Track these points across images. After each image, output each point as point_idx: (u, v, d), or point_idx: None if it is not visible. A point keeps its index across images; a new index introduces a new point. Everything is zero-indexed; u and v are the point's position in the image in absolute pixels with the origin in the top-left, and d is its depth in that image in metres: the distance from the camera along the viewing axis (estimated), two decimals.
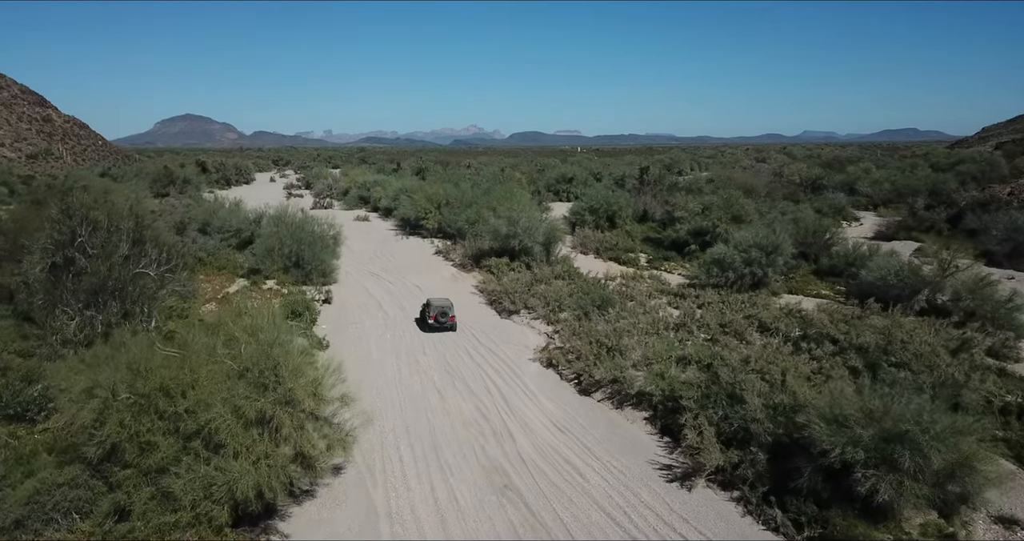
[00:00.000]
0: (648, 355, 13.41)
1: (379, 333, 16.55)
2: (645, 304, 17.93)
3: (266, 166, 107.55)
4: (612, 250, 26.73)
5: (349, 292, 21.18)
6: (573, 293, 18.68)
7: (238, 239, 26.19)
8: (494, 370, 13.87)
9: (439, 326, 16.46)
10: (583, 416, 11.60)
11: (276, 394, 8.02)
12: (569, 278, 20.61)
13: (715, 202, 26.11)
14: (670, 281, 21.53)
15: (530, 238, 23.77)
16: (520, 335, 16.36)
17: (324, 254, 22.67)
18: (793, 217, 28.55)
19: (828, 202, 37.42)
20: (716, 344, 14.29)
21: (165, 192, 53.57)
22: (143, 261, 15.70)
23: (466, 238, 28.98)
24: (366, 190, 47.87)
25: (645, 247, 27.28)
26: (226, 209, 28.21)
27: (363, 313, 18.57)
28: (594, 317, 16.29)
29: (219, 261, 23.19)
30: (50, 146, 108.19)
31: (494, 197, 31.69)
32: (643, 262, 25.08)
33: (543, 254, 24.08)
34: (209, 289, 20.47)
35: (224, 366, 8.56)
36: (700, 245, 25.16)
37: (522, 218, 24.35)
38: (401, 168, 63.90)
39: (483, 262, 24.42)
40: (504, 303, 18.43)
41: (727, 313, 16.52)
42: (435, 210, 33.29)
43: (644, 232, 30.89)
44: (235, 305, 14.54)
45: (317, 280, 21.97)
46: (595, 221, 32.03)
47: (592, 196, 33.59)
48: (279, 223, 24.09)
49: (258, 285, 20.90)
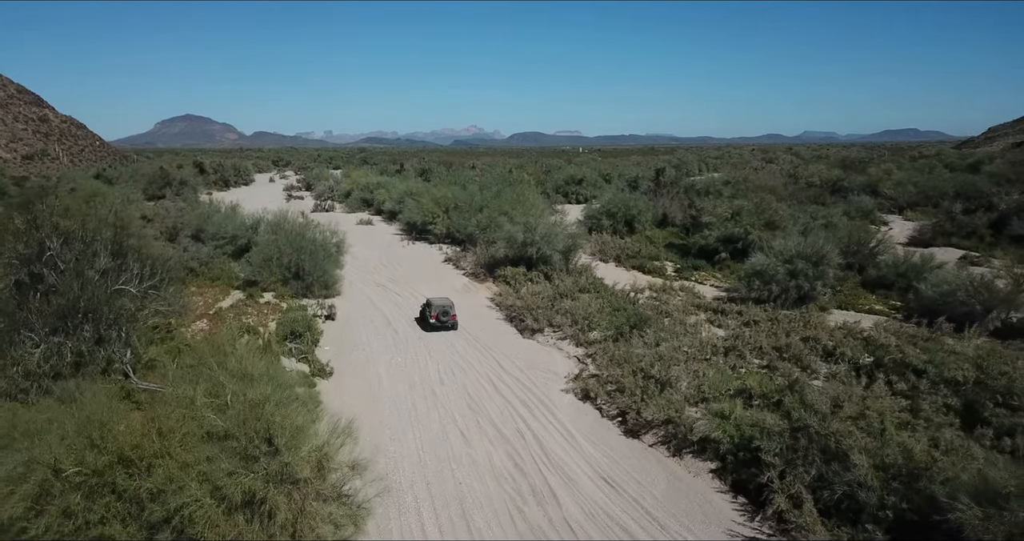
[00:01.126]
0: (702, 387, 11.62)
1: (388, 356, 14.75)
2: (684, 322, 16.14)
3: (266, 167, 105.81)
4: (635, 258, 24.92)
5: (354, 306, 19.38)
6: (602, 309, 16.89)
7: (234, 246, 24.39)
8: (523, 404, 12.07)
9: (440, 325, 16.66)
10: (635, 466, 9.79)
11: (269, 468, 6.22)
12: (595, 291, 18.80)
13: (745, 207, 24.31)
14: (704, 294, 19.73)
15: (549, 246, 21.98)
16: (547, 359, 14.55)
17: (326, 264, 20.87)
18: (825, 222, 26.81)
19: (855, 205, 35.63)
20: (775, 372, 12.51)
21: (161, 194, 51.81)
22: (123, 276, 13.91)
23: (477, 245, 27.23)
24: (369, 192, 46.09)
25: (670, 254, 25.48)
26: (221, 214, 26.44)
27: (370, 331, 16.77)
28: (630, 338, 14.49)
29: (213, 271, 21.40)
30: (46, 146, 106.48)
31: (505, 201, 29.90)
32: (670, 271, 23.27)
33: (562, 263, 22.29)
34: (201, 303, 18.68)
35: (204, 422, 6.78)
36: (731, 253, 23.37)
37: (540, 225, 22.55)
38: (404, 169, 62.10)
39: (497, 271, 22.63)
40: (526, 321, 16.62)
41: (779, 334, 14.72)
42: (443, 214, 31.51)
43: (666, 238, 29.08)
44: (223, 334, 12.79)
45: (319, 292, 20.18)
46: (612, 226, 30.27)
47: (609, 199, 31.80)
48: (278, 230, 22.30)
49: (254, 298, 19.10)
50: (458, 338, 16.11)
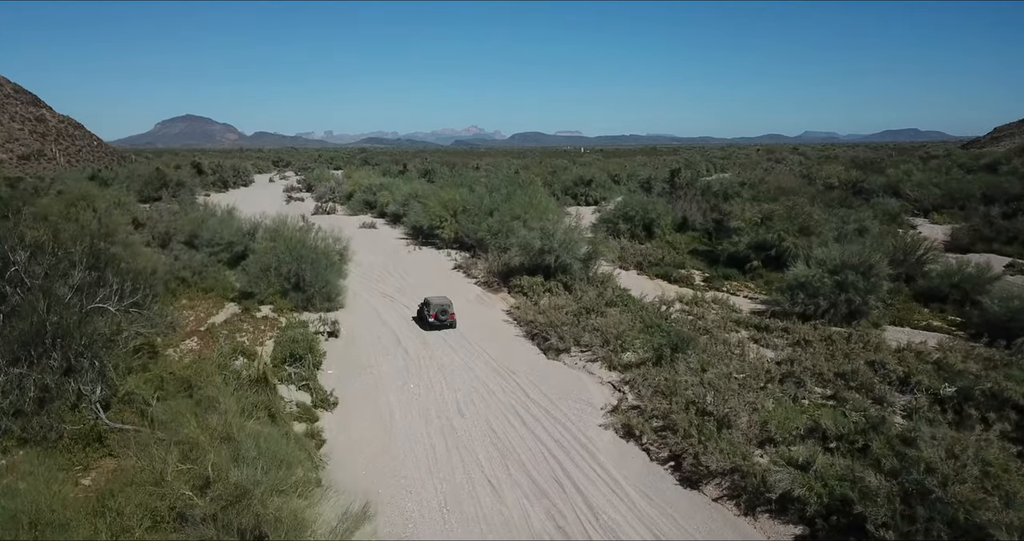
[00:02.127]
0: (766, 425, 10.03)
1: (400, 381, 13.15)
2: (725, 340, 14.55)
3: (266, 167, 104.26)
4: (658, 265, 23.32)
5: (360, 320, 17.79)
6: (634, 325, 15.30)
7: (229, 254, 22.80)
8: (557, 443, 10.48)
9: (440, 324, 16.79)
10: (701, 527, 8.20)
11: None
12: (623, 304, 17.20)
13: (777, 211, 22.71)
14: (740, 306, 18.14)
15: (568, 254, 20.38)
16: (578, 386, 12.94)
17: (329, 273, 19.27)
18: (857, 226, 25.23)
19: (879, 208, 34.03)
20: (845, 405, 10.93)
21: (157, 196, 50.27)
22: (101, 293, 12.33)
23: (488, 251, 25.63)
24: (372, 194, 44.50)
25: (695, 261, 23.88)
26: (216, 218, 24.85)
27: (378, 350, 15.18)
28: (672, 362, 12.89)
29: (206, 282, 19.80)
30: (43, 147, 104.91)
31: (517, 204, 28.34)
32: (698, 280, 21.67)
33: (582, 271, 20.70)
34: (192, 318, 17.09)
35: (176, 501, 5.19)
36: (763, 261, 21.78)
37: (558, 230, 20.96)
38: (408, 170, 60.53)
39: (512, 281, 21.04)
40: (551, 339, 15.01)
41: (838, 356, 13.13)
42: (451, 218, 29.90)
43: (687, 243, 27.50)
44: (212, 361, 11.19)
45: (321, 305, 18.59)
46: (630, 230, 28.69)
47: (626, 201, 30.21)
48: (276, 236, 20.70)
49: (250, 312, 17.50)
50: (476, 359, 14.52)
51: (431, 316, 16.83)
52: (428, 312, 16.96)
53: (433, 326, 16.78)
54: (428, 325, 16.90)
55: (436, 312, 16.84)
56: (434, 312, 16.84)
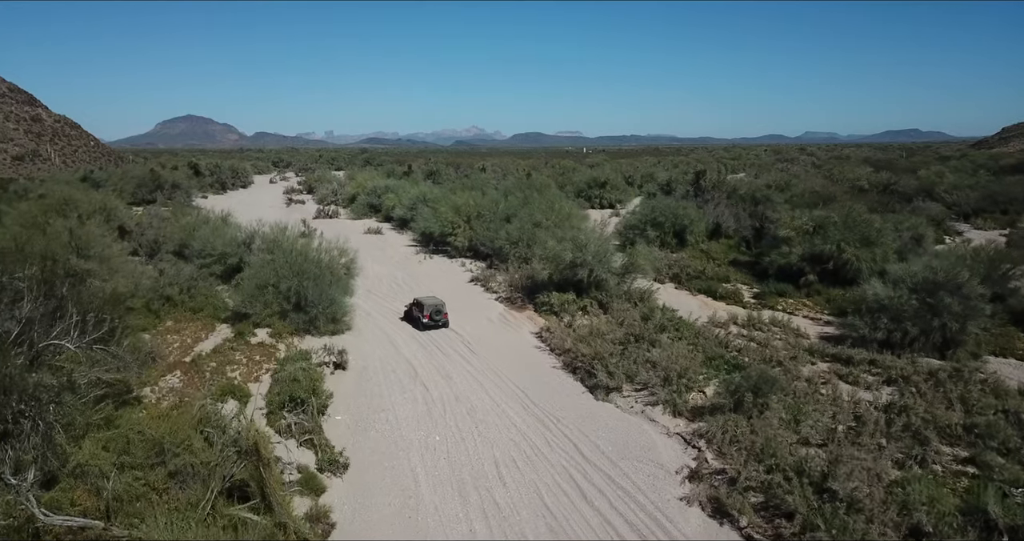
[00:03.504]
0: (906, 506, 7.71)
1: (423, 432, 10.84)
2: (807, 377, 12.25)
3: (265, 168, 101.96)
4: (699, 278, 21.02)
5: (370, 347, 15.49)
6: (693, 356, 12.98)
7: (223, 266, 20.50)
8: (631, 527, 8.17)
9: (434, 324, 16.70)
10: None
11: None
12: (675, 329, 14.88)
13: (831, 218, 20.39)
14: (803, 329, 15.83)
15: (603, 268, 18.08)
16: (641, 438, 10.63)
17: (334, 291, 16.97)
18: (913, 235, 22.93)
19: (922, 212, 31.71)
20: (991, 474, 8.62)
21: (151, 198, 48.08)
22: (58, 327, 10.06)
23: (508, 261, 23.35)
24: (376, 197, 42.22)
25: (739, 274, 21.55)
26: (209, 226, 22.54)
27: (393, 387, 12.87)
28: (754, 405, 10.58)
29: (195, 300, 17.51)
30: (38, 147, 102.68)
31: (536, 209, 26.07)
32: (747, 297, 19.35)
33: (619, 287, 18.40)
34: (177, 344, 14.79)
35: None
36: (819, 275, 19.45)
37: (590, 241, 18.66)
38: (412, 171, 58.24)
39: (538, 297, 18.74)
40: (598, 374, 12.69)
41: (954, 401, 10.83)
42: (464, 224, 27.61)
43: (724, 252, 25.18)
44: (191, 415, 8.87)
45: (325, 327, 16.30)
46: (660, 237, 26.38)
47: (654, 206, 27.89)
48: (275, 248, 18.42)
49: (244, 337, 15.19)
50: (510, 400, 12.21)
51: (425, 317, 16.70)
52: (422, 313, 16.80)
53: (427, 326, 16.68)
54: (422, 326, 16.73)
55: (430, 312, 16.76)
56: (428, 313, 16.74)
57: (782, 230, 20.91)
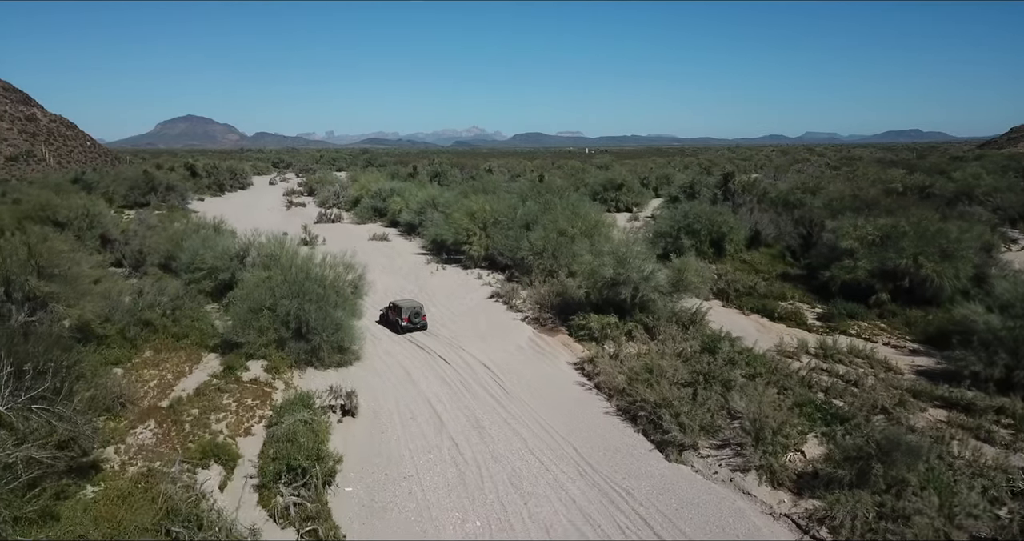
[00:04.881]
0: None
1: (458, 513, 8.44)
2: (924, 431, 9.88)
3: (265, 169, 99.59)
4: (750, 295, 18.63)
5: (383, 382, 13.13)
6: (780, 400, 10.61)
7: (213, 281, 18.17)
8: None
9: (413, 326, 16.50)
10: None
11: None
12: (746, 363, 12.48)
13: (902, 227, 18.01)
14: (890, 360, 13.45)
15: (649, 286, 15.69)
16: (741, 526, 8.23)
17: (341, 313, 14.60)
18: (982, 245, 20.54)
19: (973, 219, 29.32)
20: None
21: (144, 201, 45.74)
22: None
23: (531, 273, 21.00)
24: (381, 200, 39.87)
25: (795, 291, 19.14)
26: (199, 236, 20.14)
27: (415, 443, 10.49)
28: (884, 477, 8.21)
29: (180, 324, 15.13)
30: (33, 147, 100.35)
31: (561, 215, 23.69)
32: (811, 318, 16.96)
33: (667, 308, 16.03)
34: (155, 382, 12.42)
35: None
36: (891, 293, 17.06)
37: (632, 254, 16.29)
38: (417, 172, 55.86)
39: (573, 319, 16.36)
40: (665, 426, 10.31)
41: None
42: (480, 232, 25.25)
43: (770, 264, 22.81)
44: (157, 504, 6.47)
45: (330, 358, 13.94)
46: (695, 247, 23.99)
47: (688, 211, 25.51)
48: (272, 264, 16.07)
49: (235, 372, 12.82)
50: (562, 462, 9.84)
51: (404, 320, 16.38)
52: (400, 316, 16.46)
53: (407, 329, 16.38)
54: (401, 329, 16.35)
55: (409, 315, 16.47)
56: (407, 315, 16.45)
57: (844, 241, 18.49)
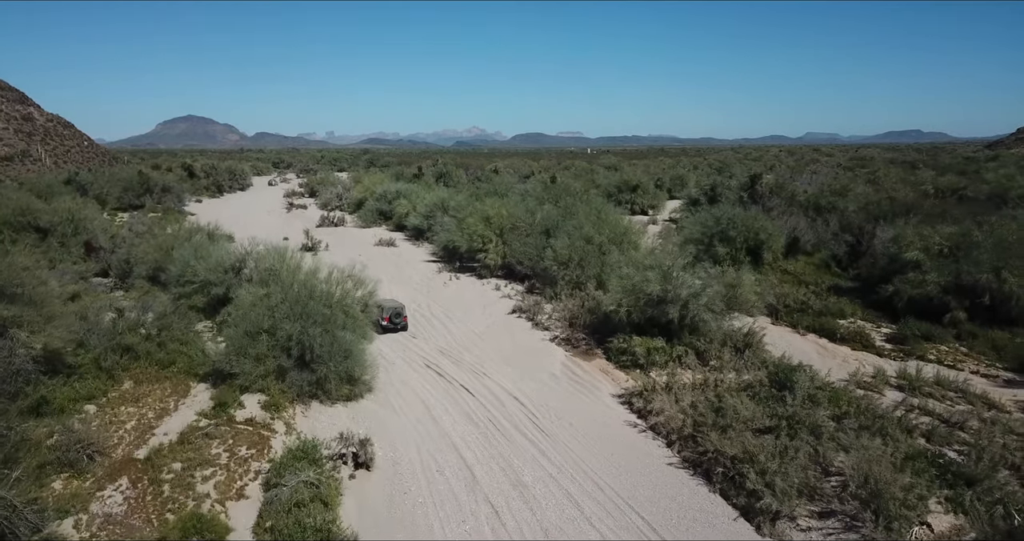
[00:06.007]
0: None
1: None
2: None
3: (265, 169, 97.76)
4: (803, 311, 16.72)
5: (400, 421, 11.23)
6: (891, 457, 8.71)
7: (206, 296, 16.30)
8: None
9: (393, 327, 16.19)
10: None
11: None
12: (832, 402, 10.56)
13: (974, 236, 16.11)
14: (989, 393, 11.56)
15: (701, 305, 13.77)
16: None
17: (350, 336, 12.67)
18: None
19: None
20: None
21: (139, 203, 43.92)
22: None
23: (556, 285, 19.10)
24: (387, 203, 37.99)
25: (852, 307, 17.22)
26: (191, 244, 18.22)
27: (446, 509, 8.58)
28: None
29: (166, 349, 13.22)
30: (28, 147, 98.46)
31: (586, 221, 21.78)
32: (878, 340, 15.05)
33: (719, 329, 14.13)
34: (132, 423, 10.52)
35: None
36: (968, 311, 15.17)
37: (681, 272, 14.37)
38: (423, 173, 53.97)
39: (611, 341, 14.46)
40: (751, 487, 8.41)
41: None
42: (496, 238, 23.35)
43: (815, 274, 20.91)
44: None
45: (338, 391, 12.03)
46: (730, 254, 22.08)
47: (720, 216, 23.60)
48: (272, 278, 14.17)
49: (227, 411, 10.93)
50: (626, 532, 7.94)
51: (384, 319, 16.02)
52: (382, 315, 15.98)
53: (387, 330, 16.04)
54: (382, 329, 15.90)
55: (390, 315, 16.19)
56: (387, 315, 16.12)
57: (909, 251, 16.57)
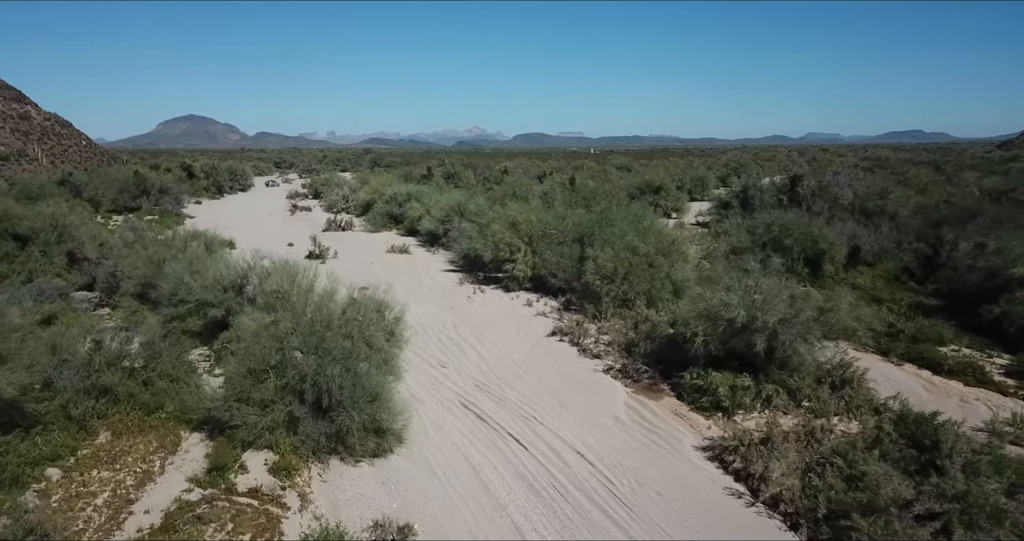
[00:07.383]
0: None
1: None
2: None
3: (267, 169, 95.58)
4: (893, 336, 14.42)
5: (443, 492, 8.91)
6: None
7: (202, 318, 14.01)
8: None
9: None
10: None
11: None
12: (995, 468, 8.29)
13: None
14: None
15: (792, 333, 11.48)
16: None
17: (375, 373, 10.38)
18: None
19: None
20: None
21: (135, 205, 41.75)
22: None
23: (599, 302, 16.84)
24: (397, 205, 35.73)
25: (947, 330, 14.94)
26: (186, 256, 15.94)
27: None
28: None
29: (152, 387, 10.94)
30: (25, 146, 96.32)
31: (629, 229, 19.49)
32: (994, 372, 12.77)
33: (813, 362, 11.85)
34: (103, 497, 8.23)
35: None
36: None
37: (763, 284, 12.10)
38: (432, 174, 51.70)
39: (682, 376, 12.17)
40: None
41: None
42: (526, 247, 21.06)
43: (889, 289, 18.62)
44: None
45: (362, 446, 9.72)
46: (787, 265, 19.80)
47: (772, 222, 21.33)
48: (281, 302, 11.89)
49: (225, 477, 8.66)
50: None
51: None
52: None
53: None
54: None
55: None
56: None
57: (1018, 266, 14.29)
